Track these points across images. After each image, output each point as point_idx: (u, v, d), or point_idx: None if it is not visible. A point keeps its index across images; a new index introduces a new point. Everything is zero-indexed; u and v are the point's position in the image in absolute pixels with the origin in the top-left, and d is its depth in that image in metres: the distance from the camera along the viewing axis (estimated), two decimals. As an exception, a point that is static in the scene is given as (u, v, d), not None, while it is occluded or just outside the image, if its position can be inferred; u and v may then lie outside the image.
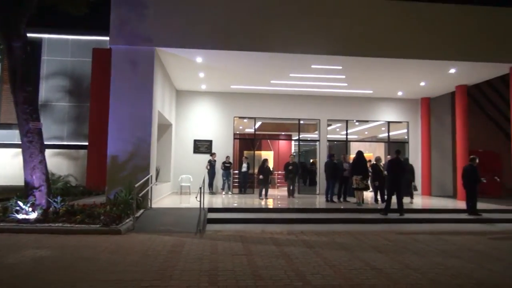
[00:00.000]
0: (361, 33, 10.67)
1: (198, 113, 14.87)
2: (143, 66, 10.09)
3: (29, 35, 9.25)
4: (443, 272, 5.17)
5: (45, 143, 9.23)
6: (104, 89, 10.92)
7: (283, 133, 19.28)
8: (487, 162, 13.83)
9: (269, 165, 12.42)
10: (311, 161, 18.68)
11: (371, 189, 13.12)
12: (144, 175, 9.64)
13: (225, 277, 4.80)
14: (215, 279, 4.69)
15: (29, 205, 8.12)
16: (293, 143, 19.12)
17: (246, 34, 10.35)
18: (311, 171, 16.86)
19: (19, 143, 8.90)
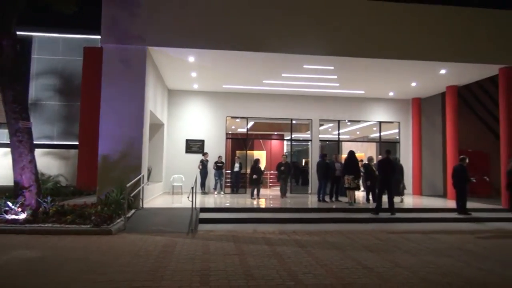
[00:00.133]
0: (353, 34, 10.75)
1: (190, 112, 14.83)
2: (134, 65, 10.02)
3: (19, 33, 9.15)
4: (434, 271, 5.23)
5: (35, 142, 9.14)
6: (95, 88, 10.81)
7: (275, 133, 19.29)
8: (476, 162, 14.02)
9: (260, 165, 12.43)
10: (304, 161, 18.74)
11: (362, 188, 13.20)
12: (135, 175, 9.58)
13: (217, 277, 4.79)
14: (207, 279, 4.69)
15: (18, 205, 8.03)
16: (285, 143, 19.11)
17: (238, 33, 10.34)
18: (303, 170, 16.90)
19: (8, 142, 8.79)
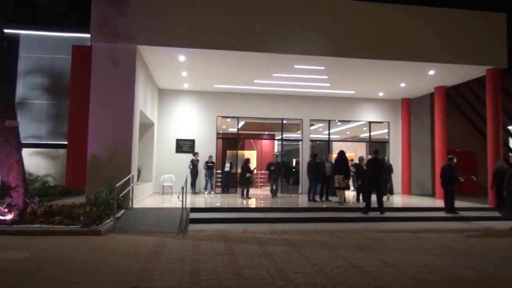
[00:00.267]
0: (343, 34, 10.82)
1: (180, 112, 14.76)
2: (124, 64, 9.92)
3: (6, 31, 8.99)
4: (422, 269, 5.29)
5: (23, 142, 9.02)
6: (84, 87, 10.70)
7: (266, 133, 19.32)
8: (464, 162, 14.22)
9: (249, 165, 12.44)
10: (294, 160, 18.79)
11: (352, 188, 13.29)
12: (125, 175, 9.49)
13: (207, 277, 4.78)
14: (197, 279, 4.67)
15: (5, 206, 7.90)
16: (276, 142, 19.16)
17: (229, 33, 10.32)
18: (294, 170, 16.94)
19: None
